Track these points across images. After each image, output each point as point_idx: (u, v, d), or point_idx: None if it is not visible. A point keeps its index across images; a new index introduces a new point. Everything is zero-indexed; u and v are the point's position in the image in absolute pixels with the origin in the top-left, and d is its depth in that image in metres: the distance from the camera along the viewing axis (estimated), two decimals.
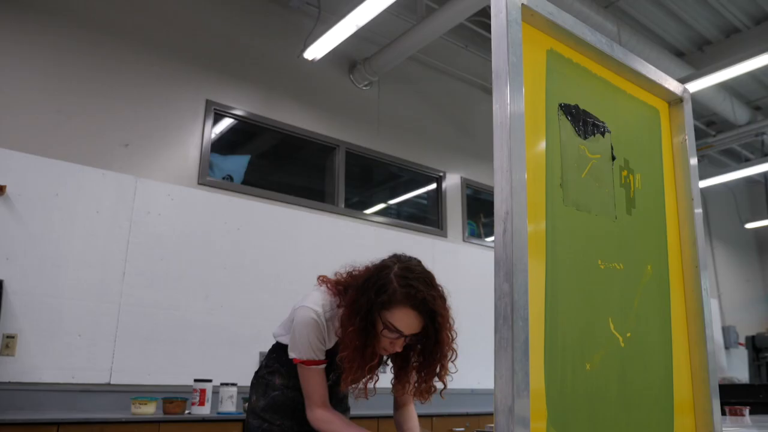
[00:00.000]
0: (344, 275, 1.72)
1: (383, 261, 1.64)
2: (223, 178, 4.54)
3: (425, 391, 1.69)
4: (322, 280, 1.74)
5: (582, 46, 1.18)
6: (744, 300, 9.27)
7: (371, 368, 1.59)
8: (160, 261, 3.98)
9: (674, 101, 1.42)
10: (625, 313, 1.13)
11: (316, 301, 1.67)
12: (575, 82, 1.17)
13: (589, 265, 1.08)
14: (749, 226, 9.13)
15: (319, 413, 1.68)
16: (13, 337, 3.41)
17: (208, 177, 4.36)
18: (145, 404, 3.27)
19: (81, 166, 3.81)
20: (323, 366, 1.69)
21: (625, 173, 1.21)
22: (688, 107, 1.43)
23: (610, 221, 1.15)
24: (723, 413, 4.26)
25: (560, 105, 1.11)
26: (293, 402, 1.79)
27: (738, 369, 8.30)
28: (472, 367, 5.40)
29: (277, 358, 1.83)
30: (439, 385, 1.69)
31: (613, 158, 1.20)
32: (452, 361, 1.67)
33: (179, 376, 3.86)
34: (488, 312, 0.89)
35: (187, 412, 3.45)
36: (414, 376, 1.70)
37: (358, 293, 1.58)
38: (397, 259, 1.64)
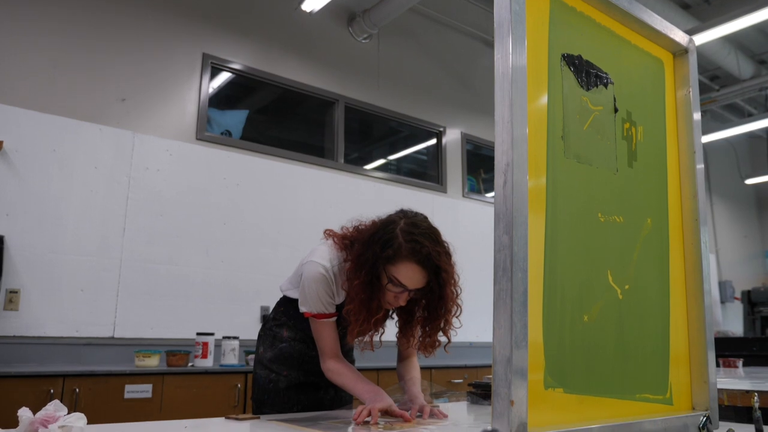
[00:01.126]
0: (350, 230, 1.73)
1: (389, 216, 1.65)
2: (222, 134, 4.50)
3: (429, 345, 1.71)
4: (329, 234, 1.74)
5: None
6: (741, 255, 9.33)
7: (377, 321, 1.62)
8: (159, 217, 3.99)
9: (679, 52, 1.39)
10: (624, 266, 1.14)
11: (324, 255, 1.68)
12: (579, 32, 1.14)
13: (589, 217, 1.08)
14: (749, 181, 9.12)
15: (332, 364, 1.70)
16: (16, 292, 3.44)
17: (206, 132, 4.33)
18: (149, 357, 3.33)
19: (78, 121, 3.77)
20: (334, 319, 1.71)
21: (627, 126, 1.20)
22: (693, 59, 1.40)
23: (611, 174, 1.14)
24: (717, 365, 4.34)
25: (563, 55, 1.09)
26: (300, 354, 1.82)
27: (733, 323, 8.43)
28: (470, 320, 5.47)
29: (284, 312, 1.86)
30: (443, 339, 1.71)
31: (616, 110, 1.18)
32: (456, 317, 1.69)
33: (181, 330, 3.91)
34: (487, 267, 0.89)
35: (190, 364, 3.51)
36: (418, 331, 1.72)
37: (363, 247, 1.59)
38: (403, 214, 1.64)
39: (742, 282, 8.70)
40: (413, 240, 1.53)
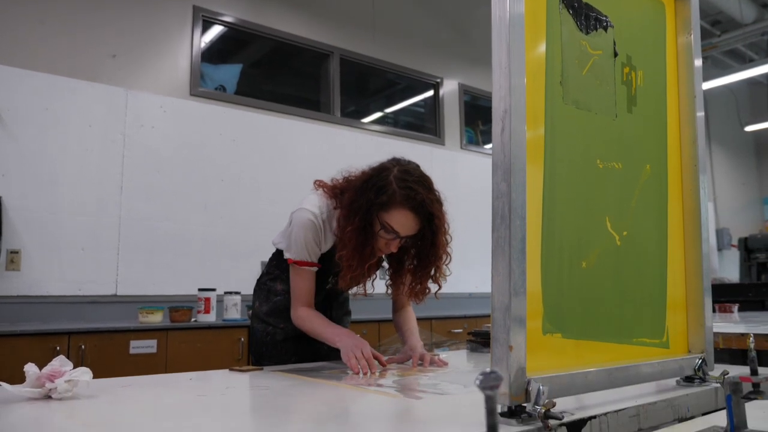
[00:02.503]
0: (340, 180, 1.73)
1: (382, 164, 1.65)
2: (216, 89, 4.44)
3: (420, 293, 1.73)
4: (319, 184, 1.75)
5: None
6: (739, 203, 9.36)
7: (370, 267, 1.63)
8: (156, 174, 3.97)
9: None
10: (622, 213, 1.14)
11: (313, 203, 1.69)
12: None
13: (587, 164, 1.07)
14: (749, 128, 9.05)
15: (302, 311, 1.72)
16: (17, 252, 3.45)
17: (200, 88, 4.27)
18: (152, 313, 3.36)
19: (68, 78, 3.71)
20: (315, 269, 1.73)
21: (627, 70, 1.18)
22: (695, 2, 1.37)
23: (610, 120, 1.13)
24: (713, 311, 4.40)
25: None
26: None
27: (729, 270, 8.51)
28: (469, 272, 5.54)
29: (277, 265, 1.87)
30: (434, 287, 1.72)
31: (615, 54, 1.16)
32: (446, 265, 1.71)
33: (183, 286, 3.94)
34: (486, 218, 0.89)
35: (193, 320, 3.55)
36: (408, 278, 1.74)
37: (357, 194, 1.59)
38: (396, 162, 1.64)
39: (739, 229, 8.74)
40: (407, 187, 1.54)
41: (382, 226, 1.56)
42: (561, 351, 1.00)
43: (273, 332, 1.83)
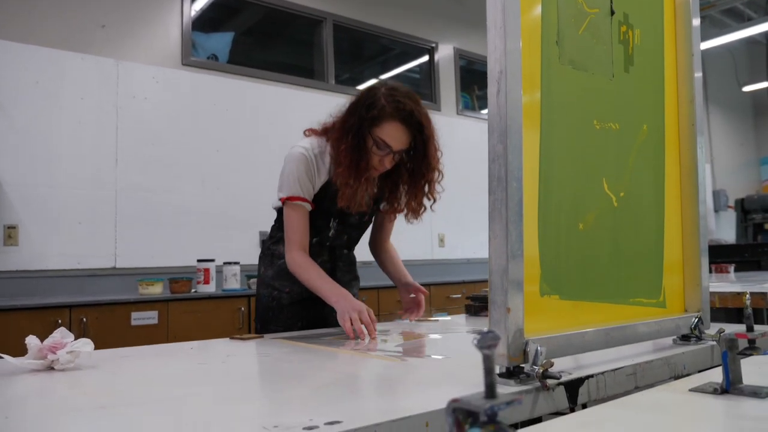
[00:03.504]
0: (328, 122, 1.78)
1: (370, 86, 1.71)
2: (208, 58, 4.38)
3: (415, 210, 1.78)
4: (309, 131, 1.80)
5: None
6: (736, 164, 9.35)
7: (367, 179, 1.66)
8: (151, 146, 3.94)
9: None
10: (619, 173, 1.13)
11: (304, 142, 1.74)
12: None
13: (584, 125, 1.06)
14: (747, 89, 8.99)
15: (297, 255, 1.71)
16: (14, 228, 3.45)
17: (191, 57, 4.21)
18: (152, 285, 3.38)
19: (58, 50, 3.65)
20: (308, 208, 1.72)
21: (624, 29, 1.16)
22: None
23: (607, 80, 1.11)
24: (709, 271, 4.44)
25: None
26: None
27: (726, 231, 8.55)
28: (467, 238, 5.56)
29: (278, 227, 1.87)
30: (429, 203, 1.80)
31: (612, 12, 1.14)
32: (438, 182, 1.76)
33: (182, 258, 3.95)
34: (483, 185, 0.89)
35: (193, 290, 3.57)
36: (404, 197, 1.78)
37: (348, 114, 1.67)
38: (383, 82, 1.70)
39: (736, 190, 8.76)
40: (396, 100, 1.60)
41: (375, 142, 1.62)
42: (558, 312, 1.00)
43: (279, 296, 1.83)
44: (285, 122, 4.51)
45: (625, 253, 1.15)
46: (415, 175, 1.72)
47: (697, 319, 1.24)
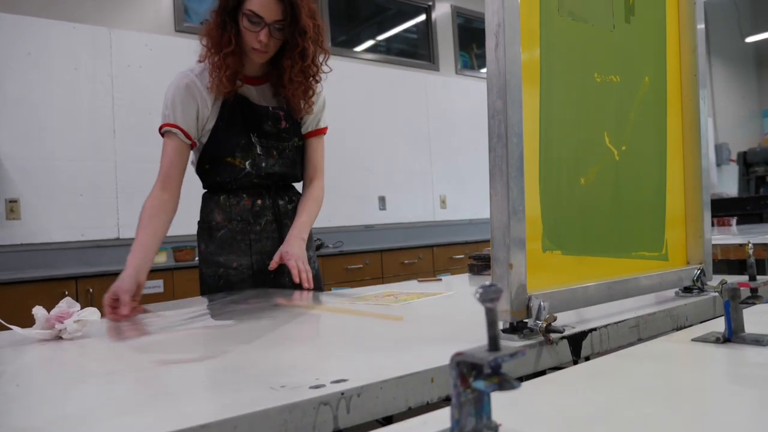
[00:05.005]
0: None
1: None
2: (201, 23, 4.30)
3: (306, 94, 1.71)
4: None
5: None
6: (738, 117, 9.26)
7: (229, 54, 1.61)
8: (148, 115, 3.90)
9: None
10: (620, 127, 1.12)
11: (191, 66, 1.70)
12: None
13: (585, 78, 1.05)
14: (750, 39, 8.85)
15: (150, 198, 1.63)
16: (15, 201, 3.45)
17: (185, 23, 4.14)
18: (156, 254, 3.39)
19: (48, 20, 3.60)
20: (183, 139, 1.66)
21: None
22: None
23: (608, 31, 1.09)
24: (711, 225, 4.46)
25: None
26: (243, 234, 1.72)
27: (728, 185, 8.53)
28: (469, 198, 5.56)
29: (209, 196, 1.78)
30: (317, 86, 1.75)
31: None
32: (324, 62, 1.72)
33: (185, 227, 3.94)
34: (483, 144, 0.88)
35: (196, 258, 3.58)
36: (291, 84, 1.68)
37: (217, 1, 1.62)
38: None
39: (738, 144, 8.70)
40: None
41: (247, 17, 1.56)
42: (561, 268, 1.00)
43: (225, 274, 1.70)
44: None
45: (627, 207, 1.15)
46: (291, 48, 1.63)
47: (699, 271, 1.24)
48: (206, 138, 1.69)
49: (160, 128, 1.66)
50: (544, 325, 0.86)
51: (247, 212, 1.72)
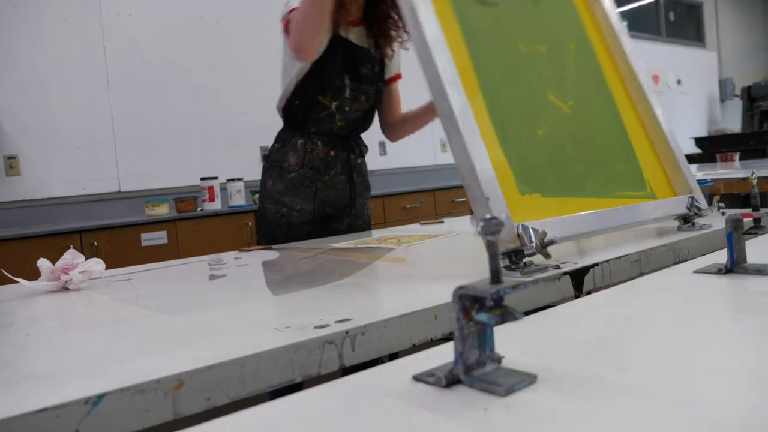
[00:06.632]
0: None
1: None
2: None
3: (400, 37, 1.78)
4: None
5: None
6: (744, 50, 9.07)
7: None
8: (142, 65, 3.84)
9: None
10: (561, 86, 1.19)
11: None
12: None
13: (510, 48, 1.13)
14: None
15: None
16: (14, 158, 3.43)
17: None
18: (158, 206, 3.40)
19: None
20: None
21: None
22: None
23: (519, 15, 1.18)
24: (714, 161, 4.42)
25: None
26: (312, 181, 1.75)
27: (732, 121, 8.43)
28: None
29: (287, 137, 1.77)
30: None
31: None
32: None
33: (185, 178, 3.95)
34: None
35: (199, 209, 3.60)
36: (395, 38, 1.77)
37: None
38: None
39: (743, 78, 8.54)
40: None
41: None
42: (546, 209, 1.01)
43: (288, 214, 1.75)
44: (276, 31, 4.36)
45: (594, 153, 1.21)
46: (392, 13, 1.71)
47: (691, 198, 1.24)
48: (304, 74, 1.70)
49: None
50: (539, 242, 0.86)
51: (320, 161, 1.75)
